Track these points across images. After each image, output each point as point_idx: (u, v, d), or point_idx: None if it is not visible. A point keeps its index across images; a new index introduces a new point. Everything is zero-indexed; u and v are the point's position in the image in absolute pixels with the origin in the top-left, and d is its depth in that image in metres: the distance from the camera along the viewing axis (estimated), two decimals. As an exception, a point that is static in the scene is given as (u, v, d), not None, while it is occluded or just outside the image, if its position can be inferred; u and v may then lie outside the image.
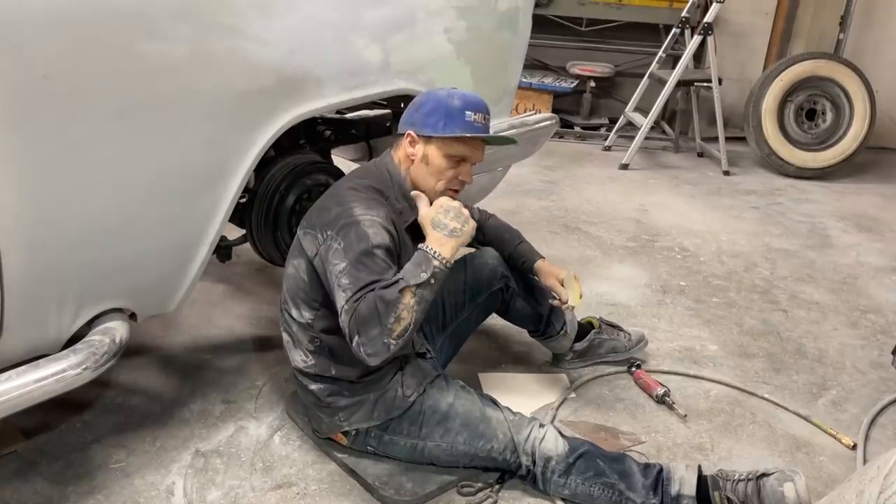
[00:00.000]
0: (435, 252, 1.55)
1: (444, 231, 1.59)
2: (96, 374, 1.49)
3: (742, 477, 1.65)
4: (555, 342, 2.21)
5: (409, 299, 1.48)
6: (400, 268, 1.59)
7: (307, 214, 1.74)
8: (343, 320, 1.51)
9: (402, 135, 1.74)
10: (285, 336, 1.78)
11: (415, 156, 1.72)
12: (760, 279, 3.04)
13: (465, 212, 1.64)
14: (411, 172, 1.74)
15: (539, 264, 2.05)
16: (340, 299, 1.53)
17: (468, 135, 1.68)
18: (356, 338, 1.48)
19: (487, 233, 2.09)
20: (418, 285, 1.50)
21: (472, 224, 1.64)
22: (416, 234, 1.78)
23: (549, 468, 1.67)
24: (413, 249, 1.74)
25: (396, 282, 1.50)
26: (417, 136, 1.71)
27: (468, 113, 1.68)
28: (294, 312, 1.73)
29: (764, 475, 1.64)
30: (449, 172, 1.71)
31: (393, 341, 1.48)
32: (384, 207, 1.67)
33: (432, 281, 1.52)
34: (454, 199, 1.71)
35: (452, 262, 1.57)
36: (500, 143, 1.88)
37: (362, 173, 1.79)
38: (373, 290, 1.50)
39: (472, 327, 2.12)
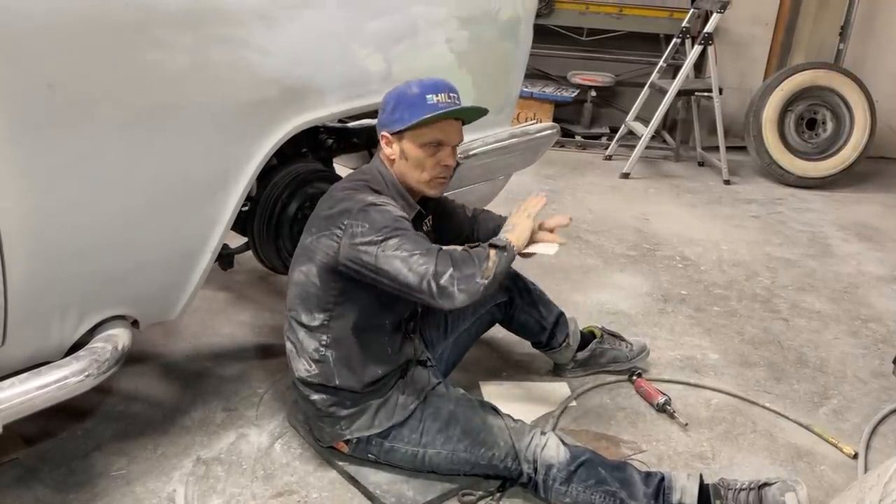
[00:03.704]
0: (504, 237, 1.66)
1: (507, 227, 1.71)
2: (98, 381, 1.50)
3: (744, 486, 1.65)
4: (557, 353, 2.21)
5: (493, 256, 1.58)
6: None
7: (310, 222, 1.75)
8: (427, 262, 1.54)
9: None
10: (288, 345, 1.79)
11: (394, 155, 1.74)
12: (761, 288, 3.04)
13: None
14: (397, 171, 1.76)
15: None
16: (403, 252, 1.56)
17: (429, 115, 1.66)
18: (450, 271, 1.53)
19: (479, 227, 2.03)
20: (497, 248, 1.60)
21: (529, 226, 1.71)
22: None
23: (550, 476, 1.67)
24: None
25: (479, 245, 1.62)
26: (390, 135, 1.73)
27: (429, 96, 1.68)
28: (304, 317, 1.73)
29: (766, 484, 1.64)
30: (429, 161, 1.72)
31: (485, 282, 1.55)
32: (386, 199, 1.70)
33: (506, 251, 1.61)
34: (443, 183, 1.77)
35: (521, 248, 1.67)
36: (470, 115, 1.78)
37: (357, 175, 1.80)
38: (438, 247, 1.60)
39: (473, 337, 2.12)
